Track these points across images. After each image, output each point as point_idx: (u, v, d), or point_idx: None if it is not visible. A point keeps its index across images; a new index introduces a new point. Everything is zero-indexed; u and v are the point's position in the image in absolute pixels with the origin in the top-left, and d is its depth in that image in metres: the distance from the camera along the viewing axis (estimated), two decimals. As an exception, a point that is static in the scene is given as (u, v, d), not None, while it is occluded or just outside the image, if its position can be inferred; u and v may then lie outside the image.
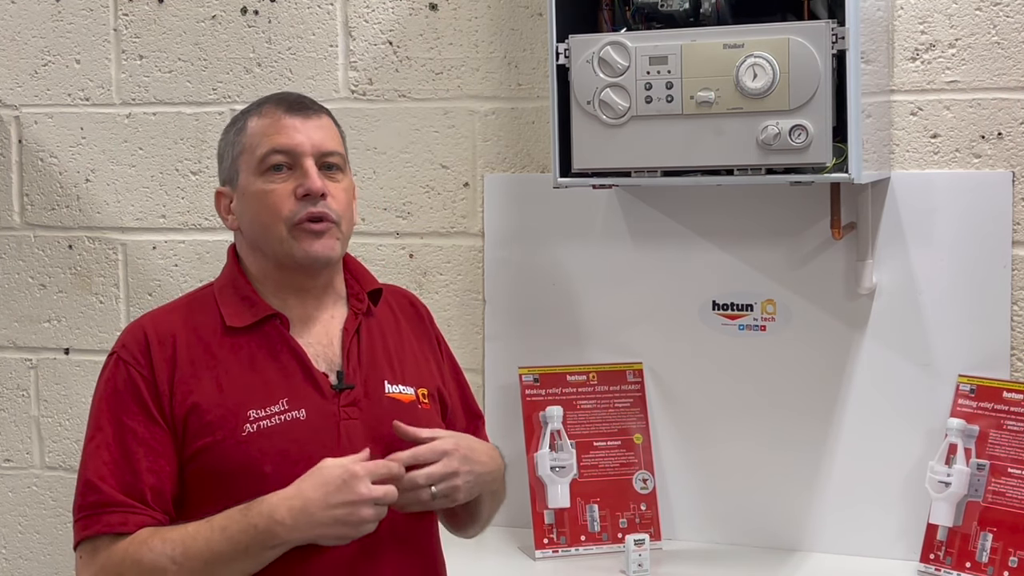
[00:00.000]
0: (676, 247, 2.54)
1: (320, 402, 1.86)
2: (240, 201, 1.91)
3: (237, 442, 1.80)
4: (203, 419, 1.81)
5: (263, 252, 1.90)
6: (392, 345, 1.99)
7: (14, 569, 3.05)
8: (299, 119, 1.89)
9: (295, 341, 1.89)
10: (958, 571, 2.28)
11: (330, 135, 1.92)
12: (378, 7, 2.73)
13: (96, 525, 1.78)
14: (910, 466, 2.40)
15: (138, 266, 2.92)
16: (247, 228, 1.91)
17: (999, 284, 2.36)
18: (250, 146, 1.89)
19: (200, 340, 1.86)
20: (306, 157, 1.87)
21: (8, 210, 3.00)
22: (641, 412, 2.55)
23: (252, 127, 1.90)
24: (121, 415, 1.82)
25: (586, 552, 2.48)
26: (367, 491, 1.71)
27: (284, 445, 1.81)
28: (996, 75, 2.37)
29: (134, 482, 1.79)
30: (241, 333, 1.87)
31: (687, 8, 2.19)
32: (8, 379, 3.04)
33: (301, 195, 1.86)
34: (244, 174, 1.90)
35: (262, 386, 1.84)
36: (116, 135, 2.92)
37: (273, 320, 1.89)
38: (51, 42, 2.95)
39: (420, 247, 2.74)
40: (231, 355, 1.86)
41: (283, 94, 1.96)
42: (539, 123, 2.64)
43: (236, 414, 1.82)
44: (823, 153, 2.08)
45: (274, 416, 1.83)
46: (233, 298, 1.90)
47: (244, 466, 1.79)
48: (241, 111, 1.97)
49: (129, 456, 1.80)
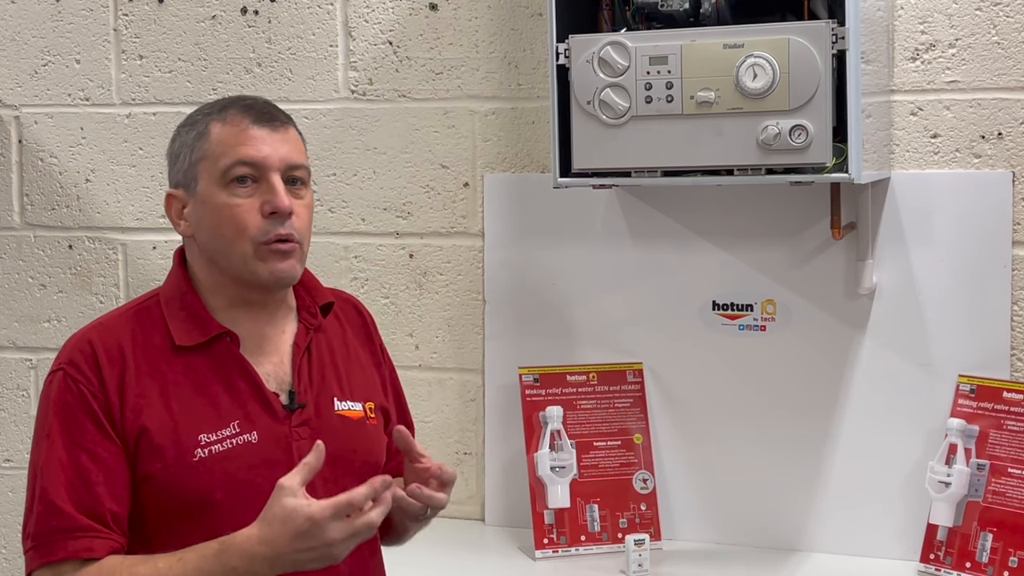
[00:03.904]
0: (676, 247, 2.54)
1: (271, 424, 1.82)
2: (197, 209, 1.82)
3: (187, 467, 1.75)
4: (152, 443, 1.75)
5: (219, 265, 1.83)
6: (340, 359, 1.95)
7: (14, 569, 3.05)
8: (266, 130, 1.82)
9: (246, 361, 1.83)
10: (958, 571, 2.28)
11: (296, 148, 1.85)
12: (378, 7, 2.73)
13: (60, 551, 1.71)
14: (910, 466, 2.40)
15: (138, 266, 2.92)
16: (204, 238, 1.83)
17: (999, 284, 2.36)
18: (212, 154, 1.80)
19: (148, 357, 1.79)
20: (273, 172, 1.80)
21: (8, 210, 3.00)
22: (641, 412, 2.55)
23: (216, 133, 1.81)
24: (75, 434, 1.74)
25: (586, 552, 2.48)
26: (335, 535, 1.66)
27: (235, 470, 1.77)
28: (996, 75, 2.36)
29: (94, 505, 1.72)
30: (190, 352, 1.81)
31: (687, 8, 2.19)
32: (8, 379, 3.04)
33: (268, 212, 1.79)
34: (204, 182, 1.81)
35: (212, 409, 1.79)
36: (116, 135, 2.92)
37: (223, 338, 1.83)
38: (51, 42, 2.95)
39: (420, 247, 2.74)
40: (180, 375, 1.80)
41: (247, 100, 1.87)
42: (539, 123, 2.64)
43: (186, 438, 1.76)
44: (823, 153, 2.08)
45: (225, 440, 1.78)
46: (181, 313, 1.83)
47: (194, 492, 1.75)
48: (199, 111, 1.88)
49: (86, 477, 1.73)
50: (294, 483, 1.66)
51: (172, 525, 1.76)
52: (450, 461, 2.72)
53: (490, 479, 2.69)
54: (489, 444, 2.68)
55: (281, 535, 1.64)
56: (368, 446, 1.93)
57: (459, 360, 2.73)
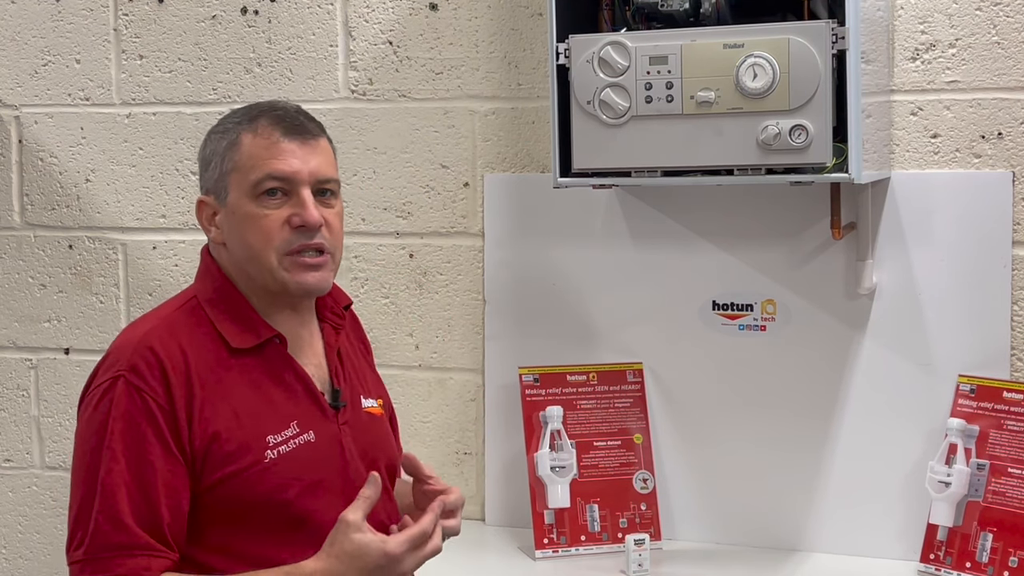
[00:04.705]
0: (676, 247, 2.54)
1: (324, 423, 1.85)
2: (228, 219, 1.84)
3: (262, 470, 1.76)
4: (224, 448, 1.75)
5: (249, 273, 1.84)
6: (356, 357, 2.00)
7: (14, 569, 3.05)
8: (297, 143, 1.82)
9: (297, 362, 1.86)
10: (958, 571, 2.28)
11: (327, 160, 1.86)
12: (378, 7, 2.73)
13: (118, 567, 1.69)
14: (910, 466, 2.40)
15: (138, 266, 2.92)
16: (234, 247, 1.85)
17: (999, 284, 2.36)
18: (243, 166, 1.82)
19: (206, 362, 1.79)
20: (303, 186, 1.81)
21: (8, 210, 3.00)
22: (641, 412, 2.55)
23: (246, 145, 1.82)
24: (138, 447, 1.71)
25: (586, 552, 2.48)
26: (409, 566, 1.72)
27: (301, 470, 1.79)
28: (996, 75, 2.36)
29: (155, 521, 1.71)
30: (244, 354, 1.82)
31: (687, 8, 2.19)
32: (8, 379, 3.04)
33: (296, 225, 1.80)
34: (235, 193, 1.83)
35: (271, 409, 1.81)
36: (116, 135, 2.92)
37: (273, 340, 1.85)
38: (51, 42, 2.95)
39: (420, 247, 2.74)
40: (237, 378, 1.80)
41: (279, 109, 1.87)
42: (539, 123, 2.64)
43: (255, 441, 1.77)
44: (823, 153, 2.08)
45: (289, 440, 1.80)
46: (228, 316, 1.84)
47: (268, 494, 1.76)
48: (231, 117, 1.89)
49: (149, 493, 1.71)
50: (358, 518, 1.70)
51: (239, 532, 1.76)
52: (450, 461, 2.73)
53: (490, 479, 2.69)
54: (489, 444, 2.68)
55: (351, 570, 1.68)
56: (389, 442, 2.00)
57: (459, 360, 2.73)
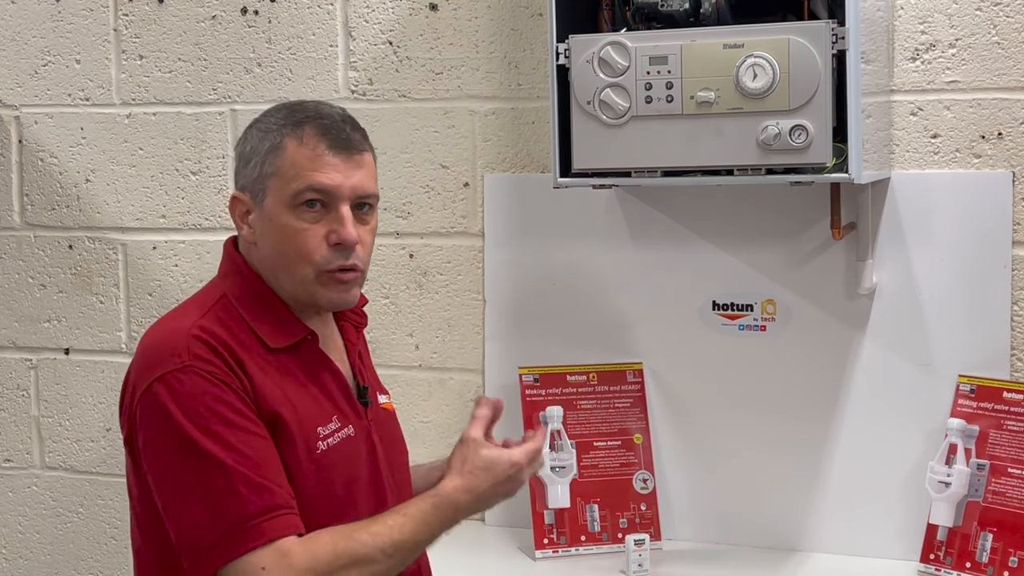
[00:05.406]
0: (676, 247, 2.54)
1: (357, 419, 1.88)
2: (263, 222, 1.82)
3: (314, 459, 1.77)
4: (287, 429, 1.75)
5: (280, 280, 1.83)
6: (367, 355, 2.03)
7: (14, 569, 3.05)
8: (341, 157, 1.80)
9: (331, 360, 1.87)
10: (958, 571, 2.28)
11: (368, 175, 1.84)
12: (378, 7, 2.73)
13: (282, 527, 1.67)
14: (910, 466, 2.40)
15: (138, 266, 2.92)
16: (267, 252, 1.83)
17: (999, 284, 2.36)
18: (284, 174, 1.79)
19: (251, 355, 1.77)
20: (343, 202, 1.79)
21: (8, 210, 3.00)
22: (641, 412, 2.55)
23: (290, 152, 1.79)
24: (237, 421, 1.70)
25: (586, 552, 2.48)
26: (526, 476, 1.86)
27: (344, 465, 1.81)
28: (996, 75, 2.36)
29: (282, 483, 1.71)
30: (281, 352, 1.81)
31: (687, 8, 2.19)
32: (8, 379, 3.04)
33: (333, 243, 1.79)
34: (273, 199, 1.80)
35: (316, 404, 1.82)
36: (116, 135, 2.92)
37: (307, 338, 1.85)
38: (51, 42, 2.95)
39: (420, 247, 2.74)
40: (280, 372, 1.80)
41: (325, 117, 1.83)
42: (539, 123, 2.64)
43: (308, 430, 1.77)
44: (823, 153, 2.08)
45: (335, 434, 1.81)
46: (262, 315, 1.82)
47: (318, 486, 1.76)
48: (275, 116, 1.85)
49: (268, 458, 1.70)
50: (480, 435, 1.85)
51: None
52: (450, 461, 2.73)
53: (490, 479, 2.69)
54: (489, 444, 2.68)
55: (485, 481, 1.81)
56: (403, 437, 2.03)
57: (459, 360, 2.73)
